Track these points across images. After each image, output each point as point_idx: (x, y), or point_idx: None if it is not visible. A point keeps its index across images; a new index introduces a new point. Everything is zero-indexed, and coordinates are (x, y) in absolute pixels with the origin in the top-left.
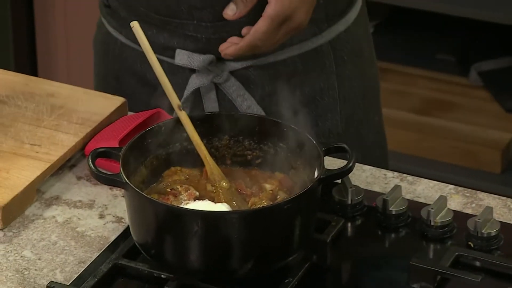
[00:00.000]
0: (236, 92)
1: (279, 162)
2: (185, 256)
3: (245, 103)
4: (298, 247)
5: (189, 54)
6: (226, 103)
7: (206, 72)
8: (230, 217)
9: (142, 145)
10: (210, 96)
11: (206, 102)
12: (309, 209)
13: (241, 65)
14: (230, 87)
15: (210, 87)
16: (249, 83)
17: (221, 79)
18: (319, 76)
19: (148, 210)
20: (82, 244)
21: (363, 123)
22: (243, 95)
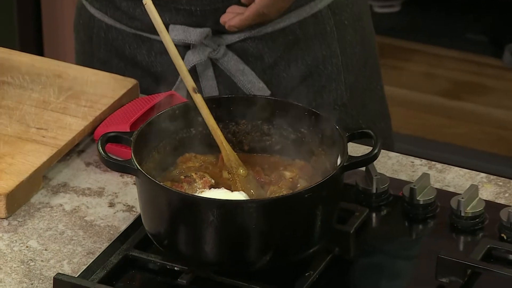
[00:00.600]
0: (234, 66)
1: (300, 148)
2: (200, 248)
3: (245, 77)
4: (320, 239)
5: (185, 29)
6: (225, 80)
7: (202, 47)
8: (248, 206)
9: (154, 129)
10: (207, 73)
11: (203, 81)
12: (331, 198)
13: (238, 38)
14: (228, 62)
15: (206, 64)
16: (247, 56)
17: (218, 54)
18: (320, 44)
19: (161, 199)
20: (91, 234)
21: (366, 92)
22: (243, 70)
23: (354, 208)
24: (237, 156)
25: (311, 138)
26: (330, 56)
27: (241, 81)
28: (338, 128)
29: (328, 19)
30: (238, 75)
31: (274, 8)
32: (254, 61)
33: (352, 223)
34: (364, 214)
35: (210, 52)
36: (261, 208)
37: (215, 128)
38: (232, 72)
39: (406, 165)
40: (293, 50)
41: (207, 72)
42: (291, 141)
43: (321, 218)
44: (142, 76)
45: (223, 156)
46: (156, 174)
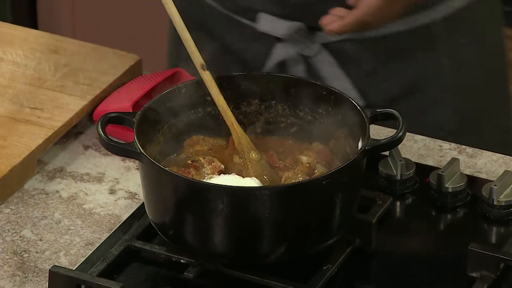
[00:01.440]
0: (328, 69)
1: (318, 130)
2: (208, 239)
3: (337, 82)
4: (339, 229)
5: (274, 20)
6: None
7: (294, 41)
8: (261, 193)
9: (159, 109)
10: (298, 70)
11: None
12: (351, 185)
13: (336, 38)
14: (321, 62)
15: (297, 60)
16: (344, 59)
17: (311, 51)
18: (428, 58)
19: (166, 185)
20: (90, 224)
21: (484, 121)
22: (336, 74)
23: (377, 196)
24: (249, 139)
25: (330, 120)
26: (438, 74)
27: (332, 85)
28: (359, 108)
29: (441, 32)
30: (330, 79)
31: (379, 16)
32: (351, 65)
33: (374, 212)
34: (388, 203)
35: (302, 48)
36: (275, 196)
37: (225, 108)
38: (325, 74)
39: (434, 149)
40: (395, 61)
41: (297, 69)
42: (308, 122)
43: (341, 207)
44: (233, 61)
45: (234, 139)
46: (161, 159)
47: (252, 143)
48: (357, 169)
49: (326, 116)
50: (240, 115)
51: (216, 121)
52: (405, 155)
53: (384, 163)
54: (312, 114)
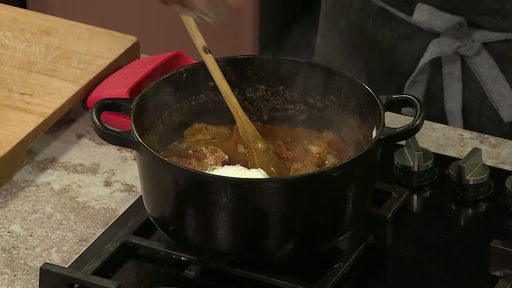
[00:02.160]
0: (487, 71)
1: (329, 118)
2: (211, 234)
3: (496, 87)
4: (351, 225)
5: (431, 10)
6: (473, 85)
7: (451, 38)
8: (267, 186)
9: (158, 95)
10: (453, 71)
11: (447, 79)
12: (365, 178)
13: (499, 37)
14: (481, 64)
15: (454, 60)
16: (506, 62)
17: (470, 50)
18: None
19: (166, 177)
20: (84, 218)
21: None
22: (496, 77)
23: (392, 189)
24: (254, 127)
25: (342, 107)
26: None
27: (490, 90)
28: (374, 94)
29: None
30: (488, 83)
31: None
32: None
33: (390, 206)
34: (404, 196)
35: (460, 46)
36: (283, 189)
37: (229, 94)
38: (483, 77)
39: (454, 139)
40: None
41: (453, 69)
42: (318, 110)
43: (353, 201)
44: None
45: (239, 127)
46: (160, 148)
47: (258, 132)
48: (371, 160)
49: (338, 103)
50: (245, 101)
51: (219, 108)
52: (422, 144)
53: (400, 153)
54: (323, 100)
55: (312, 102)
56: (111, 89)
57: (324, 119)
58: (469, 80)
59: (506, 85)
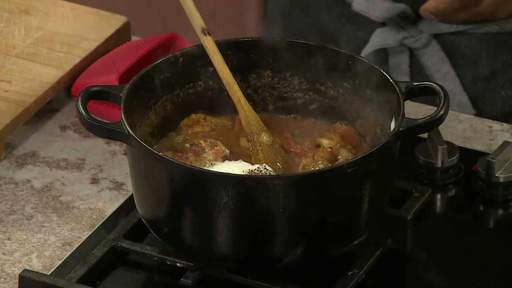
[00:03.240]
0: (436, 65)
1: (342, 108)
2: (210, 238)
3: (446, 83)
4: (367, 227)
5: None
6: (422, 79)
7: (396, 28)
8: (273, 184)
9: (151, 82)
10: (400, 64)
11: (393, 72)
12: (382, 175)
13: (449, 28)
14: (430, 56)
15: (400, 51)
16: (457, 56)
17: (417, 42)
18: None
19: (160, 174)
20: (68, 219)
21: None
22: (446, 73)
23: (413, 187)
24: (259, 118)
25: (357, 95)
26: None
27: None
28: (392, 81)
29: None
30: (437, 78)
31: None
32: (465, 65)
33: (410, 207)
34: (426, 196)
35: (406, 37)
36: (290, 187)
37: (230, 81)
38: (432, 72)
39: (482, 131)
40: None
41: (400, 62)
42: (330, 98)
43: (369, 200)
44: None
45: (241, 118)
46: (154, 142)
47: (263, 124)
48: (389, 154)
49: (352, 91)
50: (248, 89)
51: (219, 96)
52: (447, 137)
53: (422, 147)
54: (335, 88)
55: (323, 90)
56: (98, 76)
57: (337, 109)
58: (417, 75)
59: (457, 82)
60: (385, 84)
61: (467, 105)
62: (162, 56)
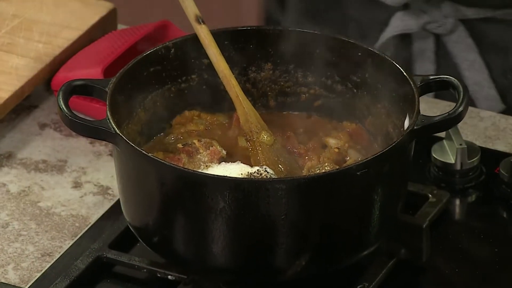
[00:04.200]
0: (463, 53)
1: (351, 104)
2: (206, 247)
3: (472, 74)
4: (378, 236)
5: None
6: (449, 68)
7: (417, 12)
8: (275, 188)
9: (140, 76)
10: (425, 50)
11: (418, 62)
12: (395, 178)
13: (475, 14)
14: (456, 44)
15: (425, 37)
16: (487, 44)
17: (442, 28)
18: None
19: (150, 177)
20: (48, 227)
21: None
22: (473, 62)
23: (429, 191)
24: (259, 115)
25: (367, 90)
26: None
27: (466, 77)
28: (406, 74)
29: None
30: (464, 68)
31: None
32: (494, 54)
33: (426, 213)
34: (443, 201)
35: (429, 22)
36: (294, 191)
37: (227, 74)
38: (458, 60)
39: (506, 130)
40: None
41: (424, 49)
42: (337, 94)
43: (381, 206)
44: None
45: (239, 115)
46: (143, 141)
47: (264, 121)
48: (402, 155)
49: (362, 85)
50: (247, 83)
51: (215, 92)
52: (467, 137)
53: (439, 147)
54: (343, 82)
55: (330, 85)
56: (81, 68)
57: (345, 105)
58: (444, 62)
59: (485, 72)
60: (398, 78)
61: (495, 98)
62: (151, 46)
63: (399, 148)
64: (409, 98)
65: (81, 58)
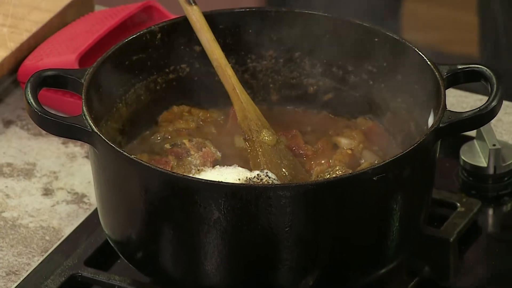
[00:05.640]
0: None
1: (366, 98)
2: (197, 265)
3: None
4: (398, 251)
5: None
6: None
7: None
8: (278, 195)
9: (121, 66)
10: None
11: None
12: (417, 184)
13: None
14: None
15: None
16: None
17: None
18: None
19: (132, 182)
20: (14, 241)
21: None
22: None
23: (457, 199)
24: (259, 111)
25: (385, 82)
26: None
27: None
28: (431, 63)
29: None
30: None
31: None
32: None
33: (453, 225)
34: (474, 211)
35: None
36: (299, 199)
37: (223, 64)
38: None
39: None
40: None
41: None
42: (350, 86)
43: (401, 217)
44: None
45: (236, 111)
46: (124, 141)
47: (265, 118)
48: (426, 158)
49: (379, 76)
50: (246, 74)
51: (208, 83)
52: (501, 136)
53: (468, 149)
54: (357, 72)
55: (341, 75)
56: (53, 56)
57: (359, 99)
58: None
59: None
60: (421, 67)
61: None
62: (134, 31)
63: (422, 149)
64: (434, 91)
65: (53, 44)
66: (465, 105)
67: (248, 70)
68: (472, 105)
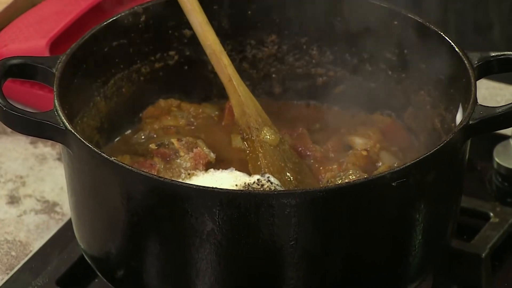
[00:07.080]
0: None
1: (384, 91)
2: (187, 283)
3: None
4: (421, 267)
5: None
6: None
7: None
8: (281, 203)
9: (99, 53)
10: None
11: None
12: (444, 190)
13: None
14: None
15: None
16: None
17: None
18: None
19: (112, 189)
20: None
21: None
22: None
23: (490, 209)
24: (260, 106)
25: (406, 72)
26: None
27: None
28: (459, 50)
29: None
30: None
31: None
32: None
33: (486, 238)
34: (510, 222)
35: None
36: (306, 208)
37: (217, 50)
38: None
39: None
40: None
41: None
42: (365, 76)
43: (424, 229)
44: None
45: (233, 105)
46: (103, 141)
47: (266, 114)
48: (453, 160)
49: (399, 66)
50: (244, 62)
51: (201, 73)
52: None
53: (503, 149)
54: (374, 61)
55: (355, 64)
56: (20, 42)
57: (376, 92)
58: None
59: None
60: (448, 55)
61: None
62: (114, 12)
63: (449, 150)
64: (463, 83)
65: (19, 27)
66: (499, 99)
67: (247, 58)
68: (507, 99)
